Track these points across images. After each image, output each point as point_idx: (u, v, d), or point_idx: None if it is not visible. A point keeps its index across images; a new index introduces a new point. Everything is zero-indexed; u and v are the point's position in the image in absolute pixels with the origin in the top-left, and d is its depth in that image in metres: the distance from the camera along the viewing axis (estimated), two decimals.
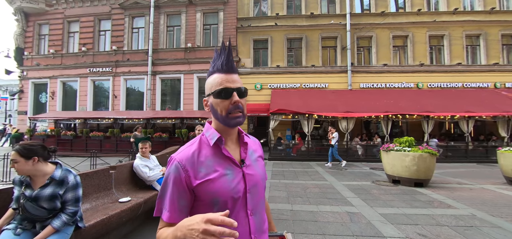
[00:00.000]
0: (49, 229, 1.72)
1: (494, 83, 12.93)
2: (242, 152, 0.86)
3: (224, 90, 0.80)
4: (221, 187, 0.76)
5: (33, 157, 1.73)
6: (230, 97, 0.80)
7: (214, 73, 0.84)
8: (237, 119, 0.81)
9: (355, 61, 13.53)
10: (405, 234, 3.13)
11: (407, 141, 6.11)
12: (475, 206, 4.28)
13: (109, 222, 2.51)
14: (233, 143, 0.87)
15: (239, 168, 0.82)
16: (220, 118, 0.82)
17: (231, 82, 0.81)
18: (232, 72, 0.83)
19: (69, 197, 1.83)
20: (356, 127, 12.07)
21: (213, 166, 0.78)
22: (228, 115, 0.80)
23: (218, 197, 0.76)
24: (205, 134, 0.86)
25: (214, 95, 0.81)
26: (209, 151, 0.81)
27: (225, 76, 0.81)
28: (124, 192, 3.38)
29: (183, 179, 0.75)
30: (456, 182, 6.33)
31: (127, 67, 14.71)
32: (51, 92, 15.35)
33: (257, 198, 0.85)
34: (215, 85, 0.81)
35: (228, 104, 0.80)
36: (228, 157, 0.81)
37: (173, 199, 0.76)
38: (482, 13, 13.22)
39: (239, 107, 0.81)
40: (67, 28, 15.71)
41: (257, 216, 0.84)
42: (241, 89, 0.82)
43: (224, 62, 0.82)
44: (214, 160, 0.80)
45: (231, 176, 0.79)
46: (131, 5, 14.83)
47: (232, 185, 0.78)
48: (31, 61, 15.69)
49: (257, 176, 0.86)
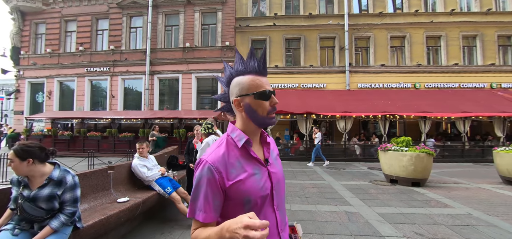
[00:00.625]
0: (47, 230, 1.72)
1: (490, 83, 13.05)
2: (266, 152, 0.90)
3: (266, 93, 0.84)
4: (251, 187, 0.80)
5: (28, 158, 1.72)
6: (268, 99, 0.84)
7: (248, 75, 0.86)
8: (274, 119, 0.87)
9: (353, 62, 13.59)
10: (402, 233, 3.15)
11: (405, 140, 6.16)
12: (472, 205, 4.32)
13: (108, 223, 2.51)
14: (257, 143, 0.91)
15: (264, 167, 0.86)
16: (258, 119, 0.85)
17: (268, 85, 0.86)
18: (266, 75, 0.88)
19: (67, 198, 1.82)
20: (354, 127, 12.13)
21: (243, 167, 0.82)
22: (267, 116, 0.85)
23: (249, 196, 0.79)
24: (231, 135, 0.87)
25: (256, 96, 0.83)
26: (237, 152, 0.84)
27: (263, 78, 0.86)
28: (123, 192, 3.37)
29: (217, 180, 0.78)
30: (452, 182, 6.39)
31: (125, 67, 14.64)
32: (48, 92, 15.23)
33: (281, 193, 0.90)
34: (255, 87, 0.84)
35: (268, 105, 0.84)
36: (255, 158, 0.85)
37: (208, 199, 0.78)
38: (479, 14, 13.34)
39: (275, 108, 0.87)
40: (64, 27, 15.60)
41: (281, 210, 0.89)
42: (274, 91, 0.87)
43: (261, 65, 0.86)
44: (243, 160, 0.83)
45: (259, 176, 0.83)
46: (129, 5, 14.76)
47: (261, 184, 0.82)
48: (27, 60, 15.56)
49: (279, 173, 0.91)
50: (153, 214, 3.73)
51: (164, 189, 3.52)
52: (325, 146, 11.94)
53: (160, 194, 3.53)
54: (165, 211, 3.95)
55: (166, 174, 3.82)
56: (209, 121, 3.71)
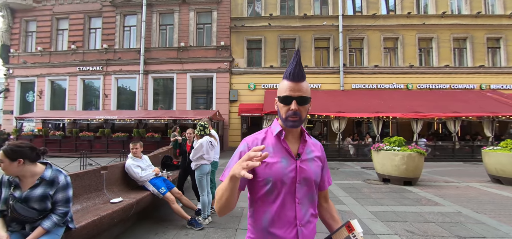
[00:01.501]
0: (39, 230, 1.69)
1: (480, 85, 13.39)
2: (300, 147, 0.98)
3: (285, 98, 0.92)
4: (275, 170, 0.91)
5: (19, 159, 1.69)
6: (289, 104, 0.92)
7: (284, 80, 0.95)
8: (293, 122, 0.93)
9: (347, 62, 13.75)
10: (394, 231, 3.22)
11: (397, 140, 6.26)
12: (461, 203, 4.43)
13: (101, 223, 2.48)
14: (295, 138, 1.00)
15: (294, 159, 0.95)
16: (281, 119, 0.97)
17: (294, 91, 0.92)
18: (298, 80, 0.92)
19: (60, 198, 1.80)
20: (348, 127, 12.26)
21: (273, 152, 0.94)
22: (287, 118, 0.93)
23: (271, 177, 0.90)
24: (272, 127, 1.02)
25: (279, 99, 0.95)
26: (273, 139, 0.98)
27: (290, 84, 0.92)
28: (116, 193, 3.33)
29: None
30: (443, 180, 6.53)
31: (119, 66, 14.46)
32: (39, 91, 14.92)
33: (306, 190, 0.95)
34: (281, 91, 0.94)
35: (287, 110, 0.92)
36: (285, 148, 0.95)
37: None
38: (469, 17, 13.67)
39: (297, 113, 0.92)
40: (55, 25, 15.31)
41: (304, 206, 0.94)
42: (303, 97, 0.92)
43: (292, 71, 0.92)
44: (275, 147, 0.96)
45: (285, 164, 0.93)
46: (122, 3, 14.59)
47: (285, 171, 0.91)
48: (17, 59, 15.20)
49: (309, 172, 0.95)
50: (147, 215, 3.70)
51: (158, 189, 3.50)
52: None
53: (154, 194, 3.51)
54: (159, 212, 3.93)
55: (160, 174, 3.80)
56: (202, 122, 3.70)
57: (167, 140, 11.74)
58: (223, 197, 0.85)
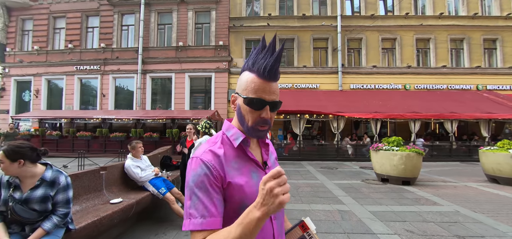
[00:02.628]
0: (39, 232, 1.68)
1: (476, 85, 13.51)
2: (264, 154, 0.82)
3: (257, 101, 0.71)
4: (249, 191, 0.71)
5: (19, 160, 1.67)
6: (260, 110, 0.72)
7: (252, 74, 0.73)
8: (261, 132, 0.75)
9: (345, 63, 13.80)
10: (393, 231, 3.23)
11: (395, 140, 6.30)
12: (459, 203, 4.47)
13: (100, 224, 2.46)
14: (255, 144, 0.83)
15: (262, 170, 0.78)
16: (244, 126, 0.75)
17: (268, 94, 0.72)
18: (273, 80, 0.72)
19: (60, 199, 1.78)
20: (346, 127, 12.32)
21: (239, 169, 0.73)
22: (254, 127, 0.73)
23: (245, 201, 0.69)
24: (226, 133, 0.78)
25: (246, 101, 0.72)
26: (233, 152, 0.75)
27: (264, 84, 0.71)
28: (115, 193, 3.31)
29: (217, 179, 0.68)
30: (441, 180, 6.59)
31: (116, 66, 14.37)
32: (35, 90, 14.77)
33: None
34: (250, 91, 0.72)
35: (257, 116, 0.72)
36: (252, 159, 0.77)
37: (214, 201, 0.66)
38: (466, 18, 13.78)
39: (268, 122, 0.73)
40: (52, 24, 15.17)
41: (279, 220, 0.80)
42: (276, 103, 0.74)
43: (268, 67, 0.70)
44: (239, 161, 0.74)
45: (256, 179, 0.74)
46: (120, 2, 14.49)
47: (258, 188, 0.70)
48: (13, 57, 15.04)
49: None
50: (147, 215, 3.68)
51: (158, 189, 3.49)
52: (318, 146, 12.09)
53: (154, 195, 3.49)
54: (159, 212, 3.91)
55: (159, 174, 3.78)
56: (208, 121, 3.70)
57: (165, 139, 11.73)
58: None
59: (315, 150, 11.75)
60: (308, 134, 13.59)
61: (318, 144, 12.31)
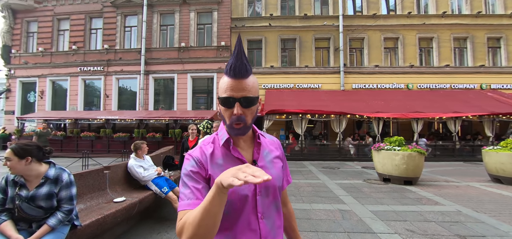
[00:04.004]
0: (45, 228, 1.73)
1: (480, 84, 13.40)
2: (255, 152, 0.83)
3: (227, 99, 0.75)
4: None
5: (27, 157, 1.73)
6: (232, 107, 0.75)
7: (224, 76, 0.77)
8: (237, 130, 0.77)
9: (347, 62, 13.77)
10: (394, 230, 3.24)
11: (397, 140, 6.29)
12: (461, 203, 4.45)
13: (104, 222, 2.52)
14: (247, 142, 0.85)
15: None
16: (226, 125, 0.80)
17: (237, 91, 0.74)
18: (241, 77, 0.74)
19: (63, 195, 1.84)
20: (349, 127, 12.29)
21: (223, 165, 0.77)
22: (230, 125, 0.78)
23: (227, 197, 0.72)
24: (218, 134, 0.85)
25: (219, 101, 0.78)
26: (220, 150, 0.80)
27: (231, 82, 0.75)
28: (119, 192, 3.37)
29: (201, 171, 0.76)
30: (443, 180, 6.55)
31: (119, 66, 14.51)
32: (40, 91, 14.97)
33: (269, 201, 0.80)
34: (222, 91, 0.77)
35: (230, 114, 0.76)
36: (237, 158, 0.79)
37: (198, 188, 0.73)
38: (469, 16, 13.67)
39: (241, 119, 0.75)
40: (56, 25, 15.36)
41: (269, 220, 0.79)
42: (248, 98, 0.75)
43: (233, 64, 0.73)
44: (224, 159, 0.78)
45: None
46: (123, 3, 14.63)
47: (242, 185, 0.75)
48: (19, 59, 15.26)
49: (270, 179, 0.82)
50: (149, 214, 3.73)
51: (160, 188, 3.54)
52: (320, 145, 12.09)
53: (156, 194, 3.54)
54: (162, 211, 3.96)
55: (162, 174, 3.83)
56: (209, 121, 3.74)
57: (168, 140, 11.81)
58: (209, 215, 0.61)
59: (317, 150, 11.75)
60: (310, 133, 13.59)
61: (320, 143, 12.30)
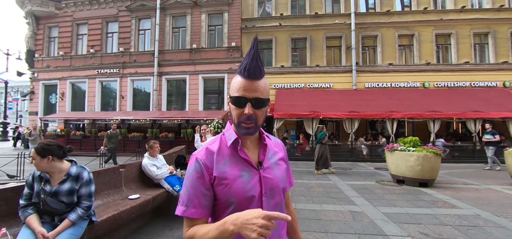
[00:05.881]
0: (66, 222, 1.86)
1: (503, 82, 12.68)
2: (261, 154, 0.84)
3: (239, 99, 0.77)
4: (236, 188, 0.76)
5: (48, 156, 1.87)
6: (243, 107, 0.77)
7: (238, 75, 0.79)
8: (247, 130, 0.78)
9: (360, 61, 13.47)
10: (407, 233, 3.16)
11: (412, 140, 6.10)
12: (480, 206, 4.26)
13: (120, 218, 2.64)
14: (253, 143, 0.86)
15: (256, 170, 0.80)
16: (235, 124, 0.81)
17: (250, 91, 0.76)
18: (254, 78, 0.76)
19: (83, 192, 1.97)
20: (361, 127, 12.02)
21: (229, 166, 0.78)
22: (240, 124, 0.78)
23: (232, 197, 0.75)
24: (225, 134, 0.85)
25: (231, 99, 0.79)
26: (227, 151, 0.81)
27: (245, 82, 0.76)
28: (133, 190, 3.51)
29: (205, 176, 0.76)
30: (461, 183, 6.28)
31: (134, 68, 14.99)
32: (61, 93, 15.76)
33: (274, 202, 0.82)
34: (233, 90, 0.78)
35: (240, 113, 0.77)
36: (244, 159, 0.80)
37: (198, 195, 0.75)
38: (491, 11, 12.98)
39: (252, 118, 0.77)
40: (76, 30, 16.10)
41: (274, 221, 0.84)
42: (259, 99, 0.77)
43: (247, 65, 0.75)
44: (231, 160, 0.79)
45: (246, 178, 0.78)
46: (137, 8, 15.10)
47: (247, 187, 0.77)
48: (41, 63, 16.14)
49: (275, 180, 0.83)
50: (162, 211, 3.85)
51: (172, 187, 3.65)
52: (331, 146, 11.90)
53: (168, 192, 3.66)
54: (174, 208, 4.04)
55: (174, 172, 3.95)
56: (219, 121, 3.82)
57: (180, 139, 12.07)
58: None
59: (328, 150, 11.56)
60: None
61: (331, 144, 12.11)
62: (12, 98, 32.70)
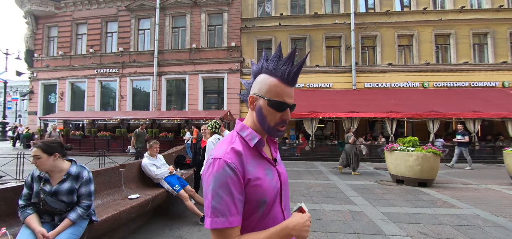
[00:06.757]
0: (66, 222, 1.86)
1: (502, 82, 12.72)
2: (273, 151, 0.88)
3: (281, 105, 0.78)
4: (267, 187, 0.77)
5: (55, 153, 1.88)
6: (282, 111, 0.78)
7: (275, 78, 0.78)
8: (280, 132, 0.82)
9: (359, 61, 13.49)
10: (406, 233, 3.17)
11: (411, 140, 6.12)
12: (479, 206, 4.28)
13: (120, 217, 2.64)
14: (265, 142, 0.88)
15: (274, 167, 0.84)
16: (265, 126, 0.81)
17: (289, 97, 0.79)
18: (294, 85, 0.80)
19: (83, 191, 1.97)
20: (361, 127, 12.04)
21: (256, 167, 0.78)
22: (275, 127, 0.80)
23: (266, 197, 0.76)
24: (241, 134, 0.82)
25: (269, 103, 0.78)
26: (249, 151, 0.79)
27: (286, 88, 0.78)
28: (133, 189, 3.51)
29: (240, 179, 0.73)
30: (461, 182, 6.30)
31: (133, 68, 14.98)
32: (60, 93, 15.73)
33: (286, 192, 0.88)
34: (273, 94, 0.77)
35: (279, 117, 0.79)
36: (265, 158, 0.82)
37: (235, 202, 0.71)
38: (490, 11, 13.02)
39: (286, 122, 0.81)
40: (75, 30, 16.07)
41: (287, 211, 0.87)
42: (294, 105, 0.81)
43: (292, 74, 0.77)
44: (255, 160, 0.79)
45: (270, 176, 0.80)
46: (137, 7, 15.08)
47: (273, 184, 0.79)
48: (40, 62, 16.11)
49: (285, 173, 0.89)
50: (162, 211, 3.86)
51: (172, 186, 3.65)
52: (331, 146, 11.93)
53: (168, 192, 3.66)
54: (174, 208, 4.08)
55: (174, 172, 3.95)
56: (217, 121, 3.82)
57: (179, 139, 12.06)
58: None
59: (328, 150, 11.60)
60: (321, 134, 13.42)
61: (331, 144, 12.14)
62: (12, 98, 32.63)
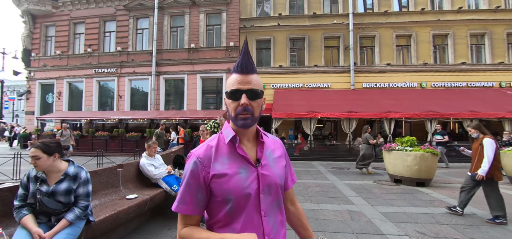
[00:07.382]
0: (63, 222, 1.84)
1: (499, 82, 12.80)
2: (258, 151, 0.85)
3: (234, 92, 0.80)
4: (234, 185, 0.77)
5: (54, 153, 1.87)
6: (239, 99, 0.80)
7: (233, 73, 0.84)
8: (244, 121, 0.80)
9: (358, 61, 13.53)
10: (404, 232, 3.18)
11: (409, 140, 6.14)
12: (476, 206, 4.30)
13: (118, 218, 2.62)
14: (250, 141, 0.87)
15: (253, 167, 0.82)
16: (231, 118, 0.84)
17: (243, 84, 0.80)
18: (247, 73, 0.82)
19: (81, 192, 1.96)
20: (359, 127, 12.04)
21: (227, 164, 0.80)
22: (237, 116, 0.80)
23: (231, 194, 0.77)
24: (223, 132, 0.87)
25: (227, 95, 0.83)
26: (225, 148, 0.83)
27: (239, 77, 0.81)
28: (131, 190, 3.49)
29: (200, 173, 0.79)
30: (458, 182, 6.32)
31: (132, 68, 14.92)
32: (58, 92, 15.64)
33: (271, 199, 0.83)
34: (229, 86, 0.83)
35: (237, 105, 0.80)
36: (242, 156, 0.82)
37: (191, 192, 0.79)
38: (487, 11, 13.10)
39: (248, 109, 0.79)
40: (73, 29, 15.98)
41: (271, 217, 0.83)
42: (254, 90, 0.80)
43: (240, 62, 0.82)
44: (229, 158, 0.81)
45: (244, 175, 0.79)
46: (135, 7, 15.03)
47: (245, 184, 0.78)
48: (38, 62, 16.00)
49: (273, 177, 0.84)
50: (160, 211, 3.84)
51: (170, 186, 3.64)
52: (330, 146, 11.96)
53: (166, 192, 3.65)
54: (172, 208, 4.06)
55: (172, 172, 3.94)
56: (216, 120, 3.82)
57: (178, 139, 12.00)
58: None
59: (327, 150, 11.63)
60: (319, 134, 13.44)
61: (329, 144, 12.17)
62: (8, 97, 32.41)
